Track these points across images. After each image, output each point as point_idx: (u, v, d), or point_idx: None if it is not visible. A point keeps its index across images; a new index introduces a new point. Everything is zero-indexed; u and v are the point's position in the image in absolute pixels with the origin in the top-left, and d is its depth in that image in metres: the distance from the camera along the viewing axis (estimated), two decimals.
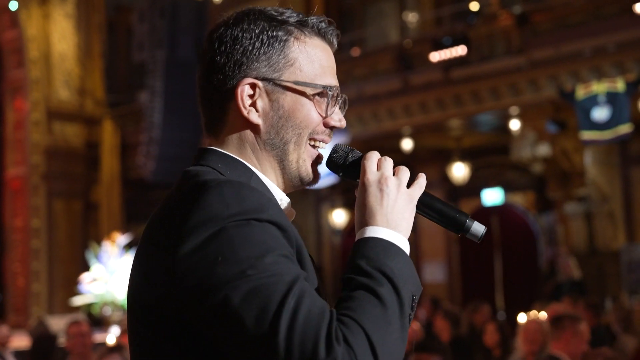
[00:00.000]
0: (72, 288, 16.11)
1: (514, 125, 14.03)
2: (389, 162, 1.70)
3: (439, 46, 13.65)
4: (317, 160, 1.81)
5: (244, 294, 1.46)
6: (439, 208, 1.74)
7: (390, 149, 14.52)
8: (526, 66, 13.25)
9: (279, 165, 1.77)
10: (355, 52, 15.74)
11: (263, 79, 1.73)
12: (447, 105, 14.07)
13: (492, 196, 15.75)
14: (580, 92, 12.47)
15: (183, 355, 1.59)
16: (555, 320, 5.79)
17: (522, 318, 9.22)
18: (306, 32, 1.77)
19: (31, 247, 17.77)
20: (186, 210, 1.56)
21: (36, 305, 17.37)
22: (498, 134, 14.87)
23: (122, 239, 15.44)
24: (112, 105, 19.29)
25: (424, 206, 1.73)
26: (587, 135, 12.50)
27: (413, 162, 16.48)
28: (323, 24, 1.79)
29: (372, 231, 1.62)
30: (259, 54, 1.73)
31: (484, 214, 14.89)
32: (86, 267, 15.61)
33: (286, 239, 1.57)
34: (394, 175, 1.69)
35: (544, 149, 13.94)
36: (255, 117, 1.73)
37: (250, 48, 1.73)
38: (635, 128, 12.43)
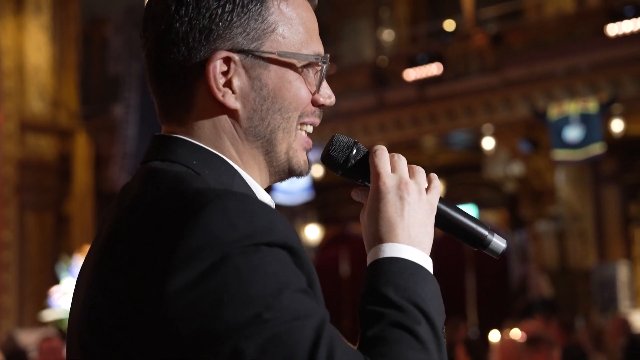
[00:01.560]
0: (43, 302, 15.98)
1: (488, 143, 14.09)
2: (403, 161, 1.44)
3: (414, 64, 13.75)
4: (309, 147, 1.50)
5: (261, 344, 1.16)
6: (457, 218, 1.48)
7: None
8: (500, 85, 13.37)
9: (264, 157, 1.44)
10: (331, 68, 15.73)
11: (239, 51, 1.37)
12: (421, 122, 14.14)
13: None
14: (553, 112, 12.60)
15: None
16: (532, 341, 5.83)
17: (494, 336, 9.27)
18: None
19: (1, 260, 17.60)
20: (176, 231, 1.20)
21: (6, 318, 17.18)
22: (471, 152, 14.98)
23: None
24: (86, 117, 19.19)
25: (441, 216, 1.47)
26: (560, 154, 12.61)
27: None
28: None
29: (394, 249, 1.36)
30: (231, 18, 1.36)
31: None
32: (57, 281, 15.50)
33: (298, 265, 1.26)
34: (410, 177, 1.43)
35: (516, 168, 14.04)
36: (232, 101, 1.38)
37: (220, 12, 1.35)
38: (607, 148, 12.54)
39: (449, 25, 13.98)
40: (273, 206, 1.37)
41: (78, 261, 15.15)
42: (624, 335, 10.25)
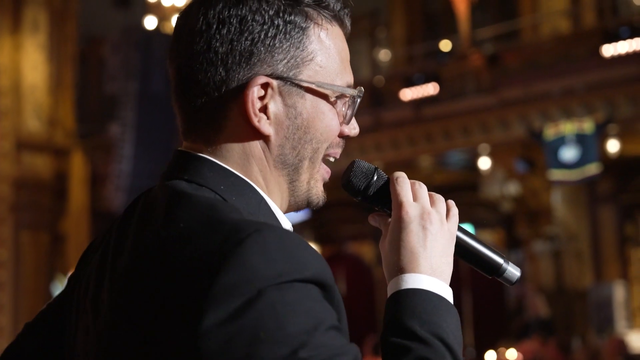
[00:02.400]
0: None
1: (484, 163, 14.11)
2: (424, 189, 1.43)
3: (410, 84, 13.75)
4: (327, 177, 1.48)
5: None
6: (475, 247, 1.48)
7: None
8: (496, 105, 13.40)
9: (288, 186, 1.42)
10: None
11: (278, 78, 1.35)
12: (417, 142, 14.17)
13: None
14: (549, 132, 12.63)
15: None
16: None
17: (490, 356, 9.27)
18: (325, 16, 1.40)
19: None
20: (215, 263, 1.17)
21: (0, 337, 17.12)
22: (468, 171, 14.99)
23: None
24: (82, 136, 19.15)
25: (458, 244, 1.46)
26: (556, 174, 12.65)
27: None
28: (339, 4, 1.42)
29: (416, 281, 1.36)
30: (273, 44, 1.34)
31: None
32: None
33: (329, 301, 1.24)
34: (433, 206, 1.42)
35: (512, 188, 14.08)
36: (266, 127, 1.35)
37: (262, 36, 1.33)
38: (602, 168, 12.57)
39: (445, 45, 14.02)
40: (291, 230, 1.37)
41: None
42: (621, 356, 10.26)
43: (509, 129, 13.42)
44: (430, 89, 13.62)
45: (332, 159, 1.45)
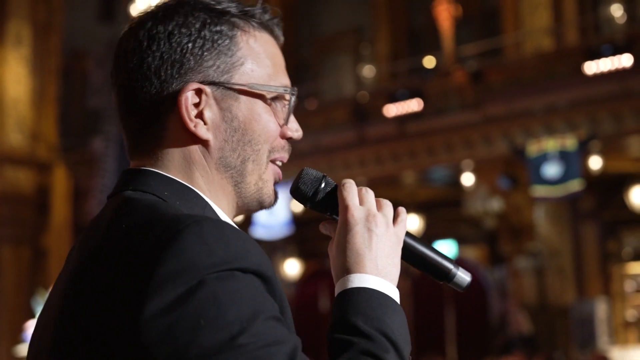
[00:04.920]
0: (18, 336, 15.84)
1: (467, 179, 14.13)
2: (371, 194, 1.46)
3: (394, 100, 13.80)
4: (279, 178, 1.51)
5: None
6: (422, 252, 1.51)
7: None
8: (479, 122, 13.47)
9: (233, 189, 1.45)
10: (311, 103, 15.82)
11: (210, 83, 1.40)
12: (401, 158, 14.20)
13: (445, 249, 15.74)
14: (532, 149, 12.70)
15: None
16: None
17: None
18: (252, 24, 1.47)
19: None
20: (153, 255, 1.20)
21: None
22: (451, 187, 15.01)
23: None
24: (65, 150, 19.13)
25: (406, 249, 1.48)
26: (538, 191, 12.70)
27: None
28: (268, 15, 1.50)
29: (361, 280, 1.38)
30: (202, 52, 1.40)
31: None
32: (32, 315, 15.36)
33: (271, 293, 1.28)
34: (379, 210, 1.45)
35: (495, 204, 14.09)
36: (203, 131, 1.40)
37: (191, 46, 1.39)
38: (585, 185, 12.63)
39: (429, 61, 14.08)
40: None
41: None
42: None
43: (492, 146, 13.47)
44: (414, 105, 13.68)
45: (279, 163, 1.49)
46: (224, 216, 1.42)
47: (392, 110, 13.87)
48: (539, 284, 14.68)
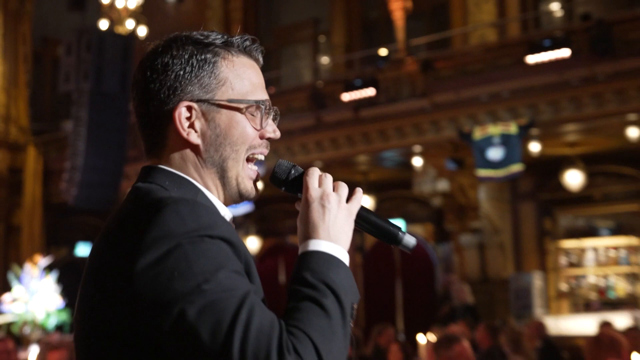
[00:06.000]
0: None
1: (417, 162, 14.23)
2: (329, 178, 1.70)
3: (350, 87, 13.77)
4: (255, 177, 1.77)
5: (199, 308, 1.41)
6: (375, 222, 1.74)
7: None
8: (429, 108, 13.46)
9: (220, 181, 1.72)
10: (271, 90, 15.67)
11: (198, 101, 1.67)
12: (355, 142, 14.19)
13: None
14: (477, 134, 12.76)
15: None
16: (445, 342, 5.94)
17: (421, 339, 9.40)
18: (233, 52, 1.72)
19: None
20: (143, 226, 1.49)
21: None
22: (402, 169, 15.03)
23: (42, 261, 15.12)
24: (36, 133, 18.85)
25: (361, 220, 1.72)
26: (482, 173, 12.77)
27: None
28: (247, 42, 1.74)
29: (315, 245, 1.60)
30: (190, 77, 1.67)
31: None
32: (7, 288, 15.25)
33: (236, 254, 1.52)
34: (334, 191, 1.67)
35: (442, 185, 14.14)
36: (194, 138, 1.68)
37: (182, 73, 1.66)
38: (524, 167, 12.76)
39: (382, 51, 14.10)
40: (229, 217, 1.72)
41: (28, 270, 14.95)
42: (539, 338, 10.49)
43: (440, 131, 13.50)
44: (368, 92, 13.64)
45: (260, 157, 1.77)
46: (216, 200, 1.72)
47: (347, 97, 13.84)
48: (481, 258, 14.81)
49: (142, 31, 17.52)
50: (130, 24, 17.39)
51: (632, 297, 14.78)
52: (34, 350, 9.97)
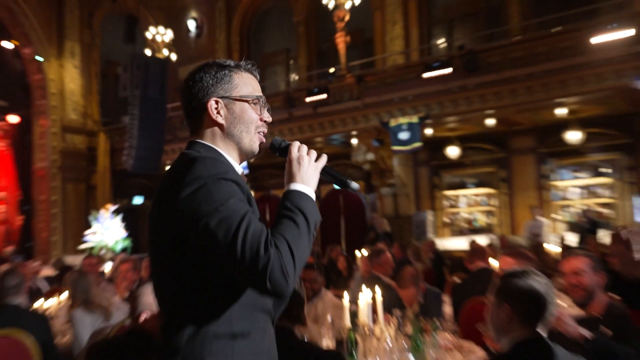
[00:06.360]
0: (79, 239, 15.59)
1: (354, 141, 14.30)
2: (304, 147, 1.71)
3: (310, 94, 13.77)
4: (260, 142, 1.77)
5: (217, 220, 1.45)
6: (333, 173, 1.75)
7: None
8: (361, 107, 13.52)
9: (237, 146, 1.72)
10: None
11: (221, 97, 1.69)
12: (314, 129, 14.20)
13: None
14: (392, 123, 12.86)
15: (186, 258, 1.53)
16: (375, 253, 5.92)
17: (358, 253, 9.48)
18: (241, 70, 1.74)
19: (51, 213, 17.00)
20: (184, 172, 1.53)
21: (55, 250, 16.64)
22: (344, 146, 15.04)
23: (111, 208, 15.04)
24: (105, 124, 18.58)
25: (325, 172, 1.72)
26: (396, 148, 12.91)
27: None
28: (249, 65, 1.77)
29: (294, 186, 1.61)
30: (216, 84, 1.69)
31: (335, 193, 14.83)
32: (88, 226, 15.12)
33: (241, 190, 1.55)
34: (307, 155, 1.69)
35: (370, 156, 14.18)
36: (221, 120, 1.69)
37: (211, 82, 1.69)
38: (422, 144, 12.84)
39: (331, 70, 14.10)
40: (241, 172, 1.72)
41: (102, 214, 14.77)
42: (431, 251, 10.65)
43: (368, 121, 13.54)
44: (322, 96, 13.65)
45: (261, 133, 1.76)
46: (233, 161, 1.71)
47: (309, 99, 13.81)
48: (394, 203, 14.85)
49: (173, 57, 17.26)
50: (165, 52, 17.10)
51: (488, 226, 15.01)
52: (109, 264, 9.90)
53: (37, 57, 16.91)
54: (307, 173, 1.65)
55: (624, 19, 10.50)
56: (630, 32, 10.22)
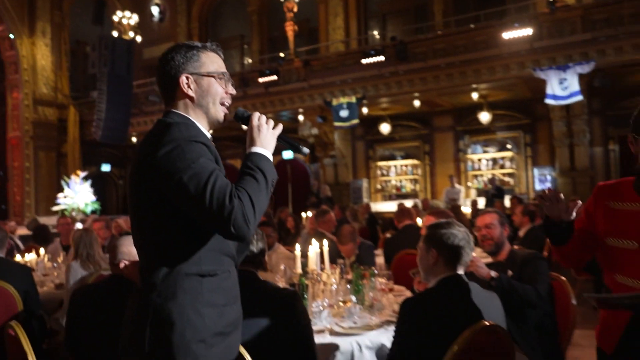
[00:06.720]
0: (50, 202, 15.06)
1: (300, 118, 14.20)
2: (263, 117, 1.67)
3: (263, 75, 13.53)
4: (225, 113, 1.70)
5: (189, 176, 1.44)
6: (288, 140, 1.72)
7: (237, 128, 14.52)
8: (307, 88, 13.40)
9: (206, 115, 1.67)
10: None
11: (191, 73, 1.64)
12: (266, 106, 13.98)
13: (287, 154, 15.64)
14: (334, 102, 12.87)
15: (162, 208, 1.52)
16: (320, 213, 5.98)
17: (304, 214, 9.58)
18: (207, 50, 1.68)
19: (24, 178, 16.28)
20: (161, 136, 1.52)
21: (28, 212, 16.00)
22: (292, 122, 14.89)
23: (81, 174, 14.56)
24: (74, 98, 17.79)
25: (280, 139, 1.69)
26: (337, 124, 12.92)
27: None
28: (214, 46, 1.71)
29: (254, 149, 1.59)
30: (186, 62, 1.64)
31: (283, 163, 14.74)
32: (60, 190, 14.60)
33: (210, 151, 1.53)
34: (266, 123, 1.65)
35: (314, 130, 14.14)
36: (191, 93, 1.64)
37: (182, 60, 1.64)
38: (359, 121, 12.92)
39: (281, 55, 13.98)
40: (209, 136, 1.65)
41: (72, 179, 14.30)
42: (367, 213, 10.85)
43: (314, 100, 13.44)
44: (273, 78, 13.43)
45: (227, 103, 1.70)
46: (202, 128, 1.65)
47: (261, 80, 13.57)
48: (335, 172, 14.85)
49: (139, 39, 16.66)
50: (131, 34, 16.48)
51: (413, 192, 15.28)
52: (79, 225, 9.64)
53: (10, 35, 15.95)
54: (266, 138, 1.62)
55: (525, 19, 10.93)
56: (529, 31, 10.65)
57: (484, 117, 13.43)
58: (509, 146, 14.29)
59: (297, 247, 3.59)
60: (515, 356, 2.13)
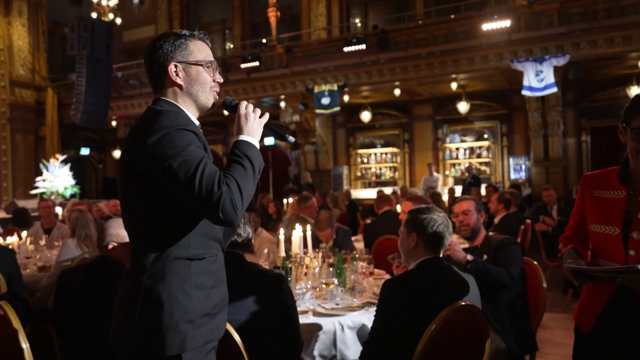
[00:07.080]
0: (28, 185, 14.84)
1: (282, 104, 14.16)
2: (251, 105, 1.67)
3: (245, 61, 13.43)
4: (213, 99, 1.71)
5: (179, 163, 1.44)
6: (274, 128, 1.72)
7: (218, 114, 14.46)
8: (289, 74, 13.34)
9: (194, 103, 1.66)
10: None
11: (180, 62, 1.63)
12: (248, 92, 13.89)
13: (269, 141, 15.55)
14: (316, 89, 12.83)
15: (152, 194, 1.52)
16: (303, 199, 6.04)
17: (285, 200, 9.67)
18: (195, 39, 1.67)
19: (1, 161, 15.96)
20: (151, 123, 1.51)
21: (5, 195, 15.73)
22: (274, 108, 14.88)
23: (60, 157, 14.36)
24: (52, 80, 17.41)
25: (267, 127, 1.70)
26: (318, 111, 12.89)
27: (228, 120, 16.36)
28: (202, 34, 1.70)
29: (242, 137, 1.59)
30: (174, 50, 1.63)
31: (265, 149, 14.75)
32: (38, 173, 14.39)
33: (198, 139, 1.52)
34: (253, 112, 1.65)
35: (296, 117, 14.15)
36: (180, 81, 1.63)
37: (170, 48, 1.63)
38: (341, 109, 12.91)
39: (263, 41, 13.91)
40: (198, 124, 1.65)
41: (51, 163, 14.11)
42: (347, 199, 11.00)
43: (296, 87, 13.40)
44: (255, 64, 13.34)
45: (215, 92, 1.70)
46: (191, 116, 1.65)
47: (243, 66, 13.47)
48: (316, 158, 14.89)
49: (118, 21, 16.37)
50: (110, 16, 16.18)
51: (392, 179, 15.46)
52: (58, 208, 9.57)
53: None
54: (253, 127, 1.61)
55: (504, 11, 11.09)
56: (507, 22, 10.81)
57: (462, 107, 13.64)
58: (485, 136, 14.55)
59: (281, 231, 3.69)
60: (489, 335, 2.24)
